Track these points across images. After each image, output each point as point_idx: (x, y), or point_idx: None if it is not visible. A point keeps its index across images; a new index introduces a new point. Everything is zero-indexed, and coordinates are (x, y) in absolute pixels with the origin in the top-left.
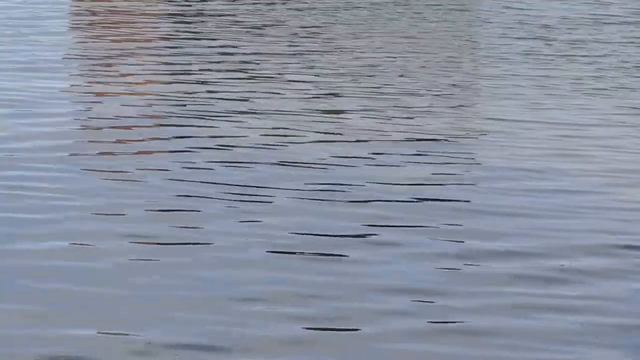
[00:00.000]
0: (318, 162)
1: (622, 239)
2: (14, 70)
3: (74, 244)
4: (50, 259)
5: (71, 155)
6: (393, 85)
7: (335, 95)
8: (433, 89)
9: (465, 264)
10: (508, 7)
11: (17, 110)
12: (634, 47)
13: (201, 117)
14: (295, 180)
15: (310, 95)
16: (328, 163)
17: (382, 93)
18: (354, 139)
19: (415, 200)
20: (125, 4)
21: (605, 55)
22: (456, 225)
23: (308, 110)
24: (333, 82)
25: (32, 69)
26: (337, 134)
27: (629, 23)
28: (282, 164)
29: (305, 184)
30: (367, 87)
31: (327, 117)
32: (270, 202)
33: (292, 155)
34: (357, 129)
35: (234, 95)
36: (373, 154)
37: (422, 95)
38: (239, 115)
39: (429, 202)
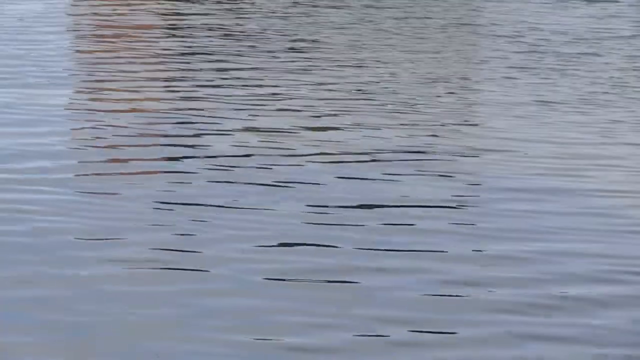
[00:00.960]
0: (318, 182)
1: (626, 265)
2: (11, 87)
3: (65, 268)
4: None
5: (69, 175)
6: (389, 100)
7: (335, 111)
8: (430, 104)
9: (466, 291)
10: (508, 21)
11: (14, 128)
12: (636, 62)
13: (197, 135)
14: (294, 201)
15: (309, 112)
16: (326, 183)
17: (379, 108)
18: (350, 157)
19: (414, 221)
20: (123, 18)
21: (607, 70)
22: (458, 249)
23: (305, 127)
24: (334, 98)
25: (30, 86)
26: (335, 152)
27: (631, 37)
28: (280, 184)
29: (305, 205)
30: (364, 102)
31: (325, 134)
32: (271, 225)
33: (291, 175)
34: (353, 147)
35: (231, 113)
36: (371, 172)
37: (419, 110)
38: (237, 132)
39: (429, 224)
